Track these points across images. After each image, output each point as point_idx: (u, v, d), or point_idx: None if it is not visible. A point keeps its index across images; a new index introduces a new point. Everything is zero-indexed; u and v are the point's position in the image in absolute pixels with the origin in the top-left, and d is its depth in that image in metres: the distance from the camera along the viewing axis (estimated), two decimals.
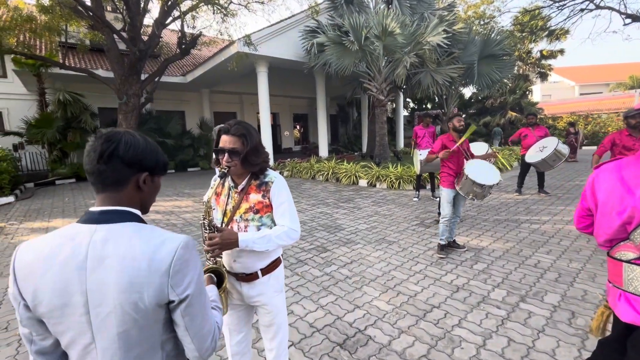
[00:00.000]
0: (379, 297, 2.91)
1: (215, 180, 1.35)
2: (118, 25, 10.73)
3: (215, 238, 1.27)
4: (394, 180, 7.88)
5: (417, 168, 6.31)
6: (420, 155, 5.95)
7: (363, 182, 8.58)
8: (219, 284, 1.34)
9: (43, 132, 11.02)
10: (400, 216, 5.49)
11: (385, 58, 10.36)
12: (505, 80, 12.74)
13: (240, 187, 1.44)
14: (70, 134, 11.69)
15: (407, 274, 3.34)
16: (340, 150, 17.58)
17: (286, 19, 11.21)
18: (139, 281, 0.72)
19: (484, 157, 3.91)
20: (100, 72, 11.30)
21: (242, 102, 18.80)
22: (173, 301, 0.75)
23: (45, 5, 8.50)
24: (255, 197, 1.42)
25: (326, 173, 9.55)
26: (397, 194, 7.36)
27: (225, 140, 1.36)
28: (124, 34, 10.23)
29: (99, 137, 0.79)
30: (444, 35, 9.64)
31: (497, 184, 3.54)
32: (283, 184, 1.46)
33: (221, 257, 1.41)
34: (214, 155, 1.43)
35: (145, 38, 10.80)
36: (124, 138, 0.80)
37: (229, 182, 1.47)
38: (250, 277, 1.45)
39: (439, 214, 4.33)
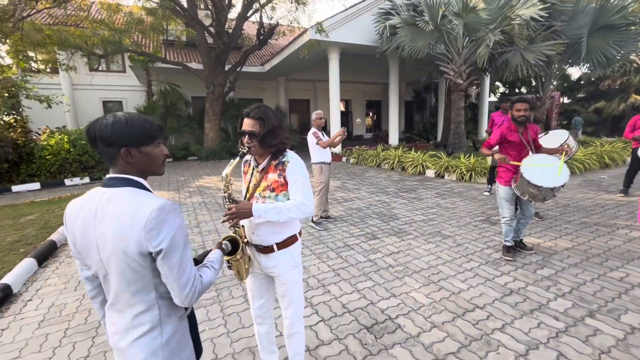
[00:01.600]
0: (418, 289, 2.82)
1: (236, 159, 1.49)
2: (207, 22, 11.93)
3: (232, 208, 1.43)
4: (465, 172, 7.27)
5: (490, 159, 5.71)
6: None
7: (430, 173, 8.11)
8: (235, 250, 1.50)
9: None
10: (463, 210, 5.09)
11: (467, 37, 9.41)
12: (634, 57, 10.33)
13: (261, 167, 1.57)
14: (169, 120, 13.62)
15: (456, 270, 3.14)
16: (413, 139, 16.78)
17: (359, 3, 10.98)
18: (124, 233, 0.91)
19: (553, 152, 3.31)
20: (193, 65, 12.81)
21: (316, 89, 19.24)
22: (151, 252, 0.92)
23: (150, 7, 9.92)
24: (272, 177, 1.53)
25: (392, 161, 9.29)
26: (466, 186, 6.79)
27: (246, 123, 1.49)
28: (212, 29, 11.35)
29: (86, 127, 0.98)
30: (541, 7, 8.27)
31: (560, 187, 2.99)
32: (298, 164, 1.54)
33: (241, 227, 1.57)
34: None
35: (229, 32, 11.82)
36: (98, 124, 0.95)
37: (252, 162, 1.61)
38: (266, 250, 1.58)
39: None
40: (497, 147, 3.44)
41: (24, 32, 8.74)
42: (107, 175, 1.01)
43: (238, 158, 1.48)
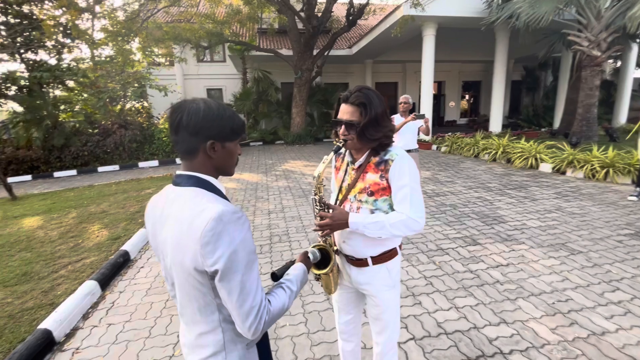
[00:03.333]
0: (539, 318, 2.23)
1: (330, 155, 1.23)
2: (298, 7, 12.01)
3: (326, 218, 1.19)
4: (598, 169, 5.78)
5: None
6: None
7: (546, 167, 6.73)
8: (325, 263, 1.27)
9: (244, 104, 14.09)
10: (599, 218, 4.00)
11: None
12: None
13: (357, 164, 1.28)
14: (260, 105, 14.45)
15: (594, 300, 2.40)
16: (519, 125, 14.41)
17: None
18: (182, 242, 0.77)
19: None
20: (283, 51, 13.17)
21: (405, 71, 18.03)
22: (207, 271, 0.76)
23: None
24: (371, 177, 1.23)
25: (494, 152, 8.04)
26: (599, 187, 5.40)
27: (344, 111, 1.21)
28: (302, 14, 11.39)
29: (169, 109, 0.83)
30: None
31: None
32: (406, 164, 1.20)
33: (331, 235, 1.32)
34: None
35: (318, 16, 11.71)
36: (187, 108, 0.80)
37: (347, 156, 1.33)
38: (359, 263, 1.31)
39: None
40: None
41: (148, 30, 10.10)
42: (177, 172, 0.87)
43: (332, 154, 1.22)
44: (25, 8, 10.29)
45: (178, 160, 10.45)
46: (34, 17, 9.99)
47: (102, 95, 10.56)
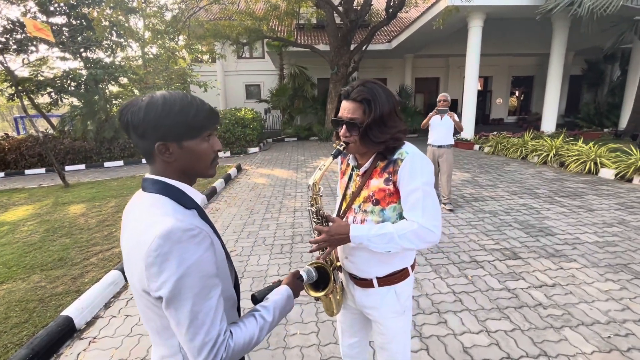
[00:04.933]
0: (590, 354, 1.89)
1: (328, 160, 1.07)
2: (336, 2, 11.78)
3: (322, 233, 1.03)
4: None
5: None
6: None
7: (607, 173, 5.94)
8: (324, 282, 1.11)
9: (280, 100, 14.20)
10: None
11: None
12: None
13: (362, 170, 1.10)
14: (296, 101, 14.48)
15: None
16: (578, 125, 13.02)
17: None
18: (131, 259, 0.70)
19: None
20: (320, 47, 13.04)
21: (448, 66, 17.07)
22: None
23: None
24: (375, 183, 1.05)
25: (545, 154, 7.27)
26: None
27: (345, 108, 1.04)
28: (340, 9, 11.15)
29: (119, 109, 0.76)
30: None
31: None
32: (417, 163, 1.00)
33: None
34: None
35: (357, 9, 11.40)
36: (130, 107, 0.70)
37: (352, 160, 1.16)
38: (363, 283, 1.14)
39: None
40: None
41: (190, 28, 10.49)
42: (145, 175, 0.78)
43: (331, 159, 1.05)
44: (85, 9, 11.18)
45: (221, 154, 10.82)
46: (91, 18, 10.83)
47: (149, 91, 11.20)
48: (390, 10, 11.07)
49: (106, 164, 10.34)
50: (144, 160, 10.50)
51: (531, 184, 5.72)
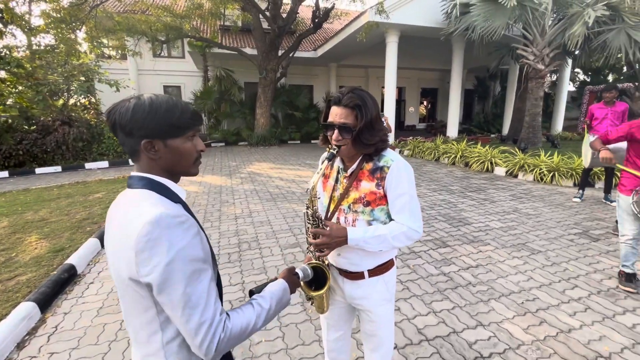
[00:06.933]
0: (512, 319, 2.30)
1: (322, 163, 1.13)
2: (263, 6, 11.76)
3: (323, 236, 1.08)
4: (546, 173, 6.29)
5: (586, 160, 4.77)
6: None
7: (500, 171, 7.20)
8: (318, 281, 1.15)
9: (205, 103, 13.46)
10: (551, 219, 4.32)
11: (554, 15, 8.10)
12: None
13: (349, 171, 1.18)
14: (222, 105, 13.90)
15: (558, 298, 2.54)
16: (472, 131, 15.39)
17: None
18: (118, 249, 0.71)
19: None
20: (247, 50, 12.80)
21: (368, 76, 18.44)
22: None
23: None
24: (367, 186, 1.14)
25: (454, 156, 8.45)
26: (547, 189, 5.87)
27: (336, 113, 1.11)
28: (267, 13, 11.15)
29: (107, 110, 0.78)
30: None
31: None
32: (403, 170, 1.13)
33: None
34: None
35: (284, 16, 11.55)
36: (118, 108, 0.74)
37: (338, 163, 1.23)
38: (355, 276, 1.22)
39: (617, 225, 3.12)
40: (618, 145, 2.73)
41: (97, 19, 9.24)
42: (131, 173, 0.81)
43: (326, 162, 1.11)
44: None
45: (131, 161, 9.67)
46: None
47: (41, 88, 9.44)
48: (316, 20, 11.52)
49: None
50: (39, 170, 8.83)
51: (446, 181, 6.59)
